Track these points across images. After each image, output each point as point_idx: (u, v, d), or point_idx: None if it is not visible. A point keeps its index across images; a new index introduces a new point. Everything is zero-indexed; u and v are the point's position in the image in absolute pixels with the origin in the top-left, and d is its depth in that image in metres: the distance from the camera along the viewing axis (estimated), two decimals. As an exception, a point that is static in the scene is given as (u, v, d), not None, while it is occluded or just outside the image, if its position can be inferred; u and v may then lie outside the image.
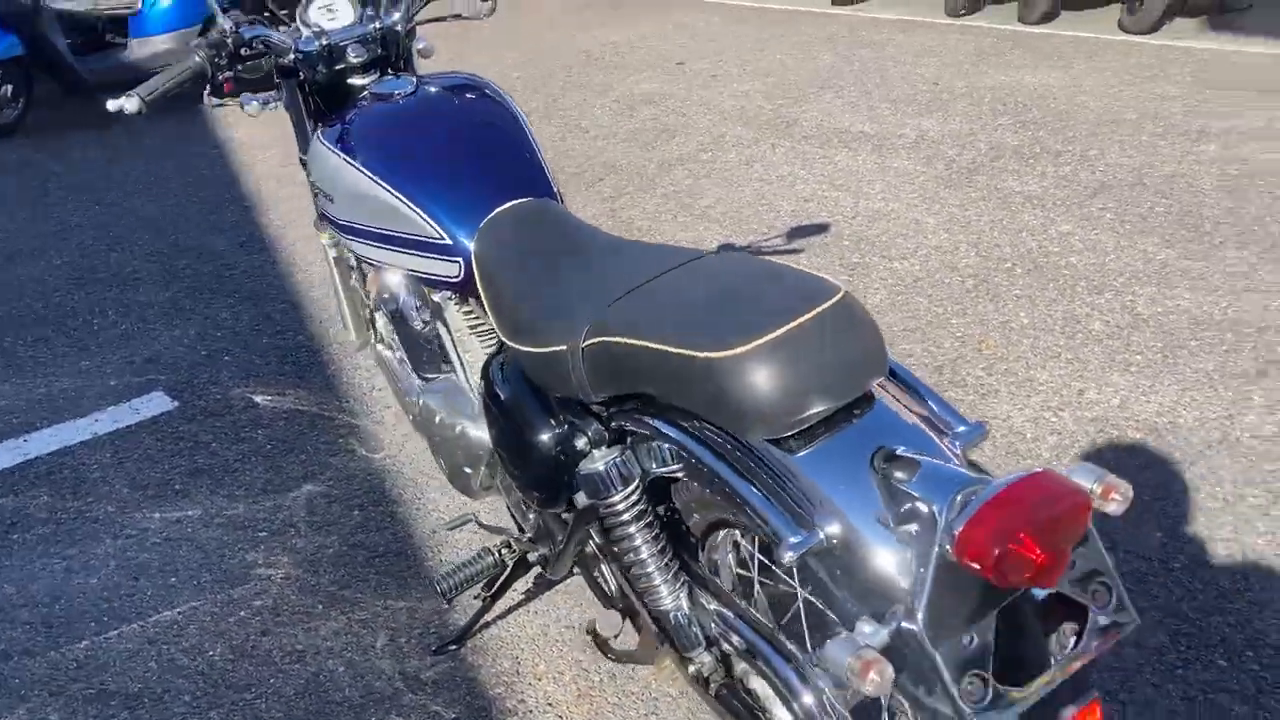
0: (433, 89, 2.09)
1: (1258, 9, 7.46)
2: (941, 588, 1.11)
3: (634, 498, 1.54)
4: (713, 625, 1.58)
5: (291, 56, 2.16)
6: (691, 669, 1.59)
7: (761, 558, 1.55)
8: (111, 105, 2.05)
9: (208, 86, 2.15)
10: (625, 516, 1.55)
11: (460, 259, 1.86)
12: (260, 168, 5.57)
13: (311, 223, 2.83)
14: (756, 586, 1.61)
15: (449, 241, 1.87)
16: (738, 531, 1.63)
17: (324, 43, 2.18)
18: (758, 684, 1.57)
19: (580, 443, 1.58)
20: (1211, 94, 5.62)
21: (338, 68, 2.19)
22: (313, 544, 2.61)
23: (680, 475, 1.51)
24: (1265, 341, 3.14)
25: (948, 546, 1.10)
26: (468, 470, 2.12)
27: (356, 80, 2.24)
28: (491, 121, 2.01)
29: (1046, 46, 6.86)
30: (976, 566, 1.07)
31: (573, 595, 2.37)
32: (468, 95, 2.08)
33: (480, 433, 2.07)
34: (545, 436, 1.68)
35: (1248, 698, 1.99)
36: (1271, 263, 3.63)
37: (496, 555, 2.07)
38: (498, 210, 1.86)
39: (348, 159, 2.00)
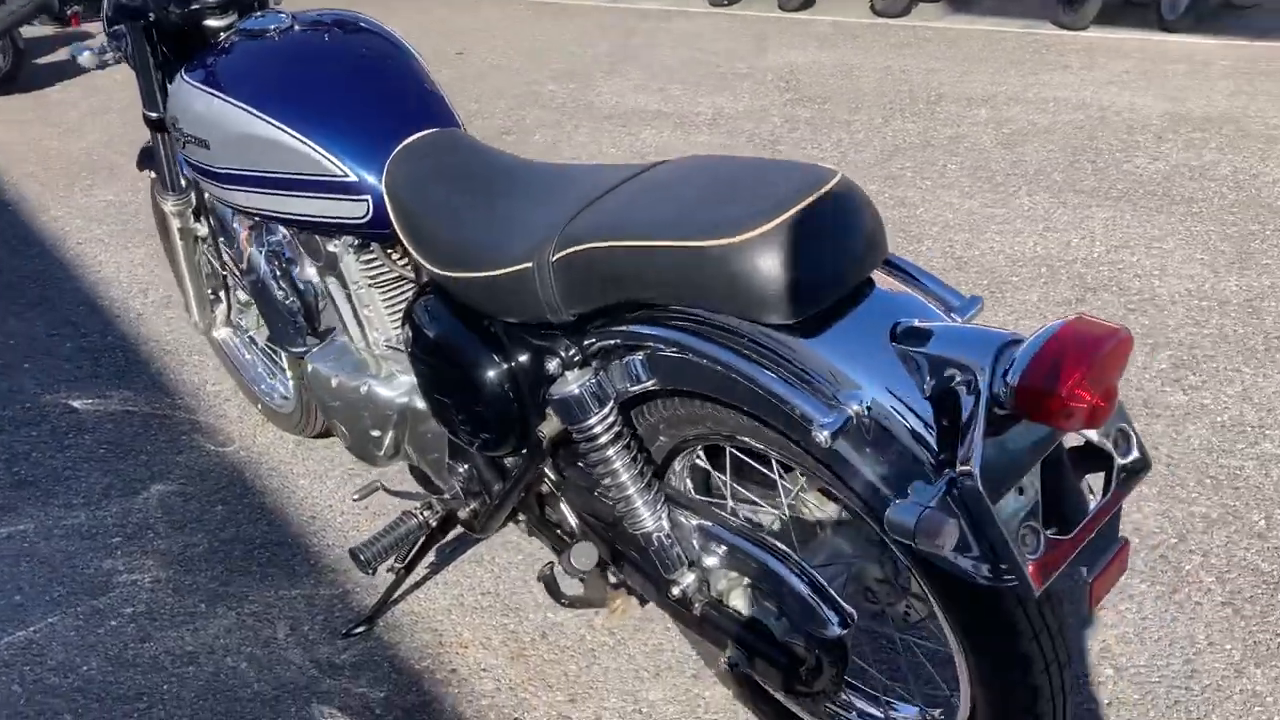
0: (313, 23, 1.95)
1: None
2: (991, 443, 1.12)
3: (610, 418, 1.48)
4: (695, 542, 1.54)
5: None
6: (675, 591, 1.54)
7: (756, 465, 1.53)
8: None
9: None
10: (603, 439, 1.48)
11: (368, 197, 1.74)
12: (18, 168, 5.07)
13: (152, 192, 2.60)
14: (730, 502, 1.59)
15: (354, 179, 1.75)
16: (700, 450, 1.60)
17: None
18: (739, 599, 1.54)
19: (551, 365, 1.50)
20: (969, 66, 6.04)
21: (193, 7, 2.02)
22: (177, 544, 2.38)
23: (654, 388, 1.45)
24: (1076, 272, 3.39)
25: (1003, 399, 1.11)
26: (375, 433, 1.99)
27: (213, 22, 2.07)
28: (384, 54, 1.90)
29: (810, 30, 7.18)
30: (1039, 414, 1.09)
31: (482, 563, 2.26)
32: (352, 29, 1.95)
33: (389, 392, 1.95)
34: (498, 369, 1.59)
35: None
36: (1062, 206, 3.93)
37: (420, 518, 1.95)
38: (407, 142, 1.76)
39: (229, 99, 1.83)
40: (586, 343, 1.47)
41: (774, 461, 1.49)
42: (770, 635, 1.50)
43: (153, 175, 2.59)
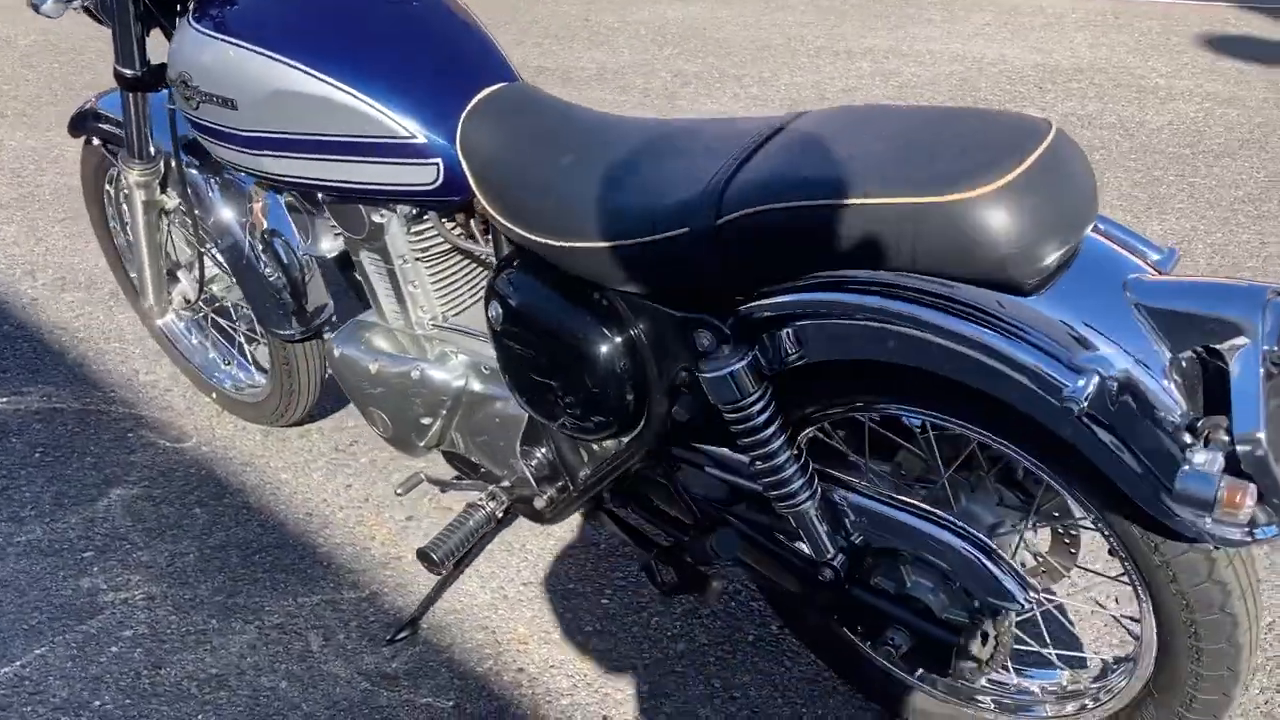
0: None
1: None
2: (1270, 399, 1.09)
3: (767, 396, 1.38)
4: (846, 520, 1.46)
5: None
6: (827, 573, 1.46)
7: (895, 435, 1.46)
8: None
9: None
10: (760, 418, 1.37)
11: (438, 160, 1.57)
12: None
13: (86, 163, 2.32)
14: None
15: (422, 140, 1.57)
16: (825, 425, 1.52)
17: None
18: (894, 577, 1.48)
19: (704, 340, 1.37)
20: (836, 19, 6.09)
21: None
22: (162, 555, 2.13)
23: (820, 359, 1.36)
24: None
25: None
26: (426, 420, 1.82)
27: None
28: (432, 6, 1.71)
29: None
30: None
31: (513, 551, 2.12)
32: None
33: (444, 374, 1.79)
34: (616, 345, 1.46)
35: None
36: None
37: (488, 509, 1.80)
38: (478, 99, 1.59)
39: (266, 51, 1.61)
40: (744, 313, 1.35)
41: (931, 436, 1.43)
42: (931, 611, 1.44)
43: (95, 143, 2.29)
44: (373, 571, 2.08)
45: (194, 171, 2.10)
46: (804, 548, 1.49)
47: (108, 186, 2.43)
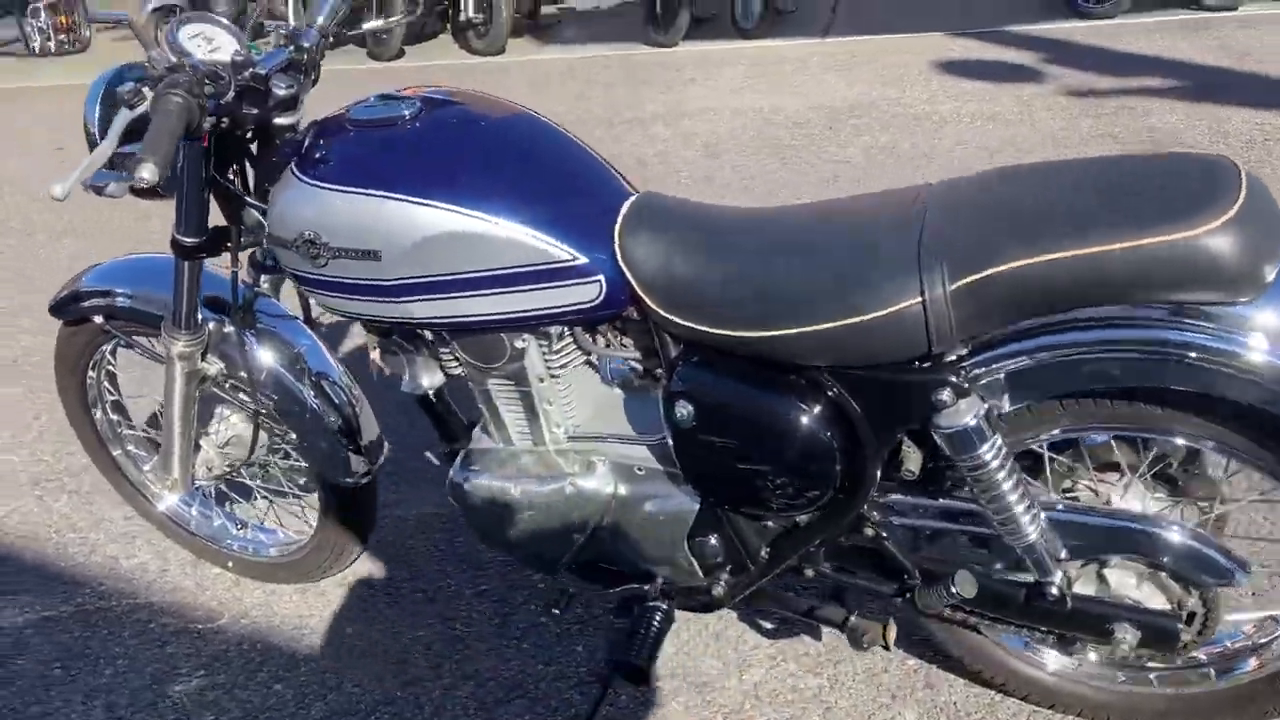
0: (445, 103, 1.73)
1: (563, 23, 8.52)
2: None
3: (1000, 441, 1.50)
4: (1058, 536, 1.60)
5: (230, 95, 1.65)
6: (1052, 591, 1.59)
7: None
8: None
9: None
10: (993, 464, 1.50)
11: (600, 277, 1.61)
12: None
13: (63, 344, 2.16)
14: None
15: (584, 260, 1.60)
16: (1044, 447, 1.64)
17: (250, 73, 1.69)
18: (1104, 581, 1.63)
19: (944, 397, 1.49)
20: (605, 90, 6.38)
21: (272, 104, 1.72)
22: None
23: (1026, 403, 1.52)
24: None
25: None
26: (576, 535, 1.82)
27: (284, 119, 1.77)
28: (542, 128, 1.73)
29: (421, 78, 7.14)
30: None
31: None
32: (489, 105, 1.75)
33: (596, 483, 1.80)
34: (828, 418, 1.55)
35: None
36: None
37: (664, 606, 1.81)
38: (624, 212, 1.64)
39: (410, 197, 1.59)
40: (978, 365, 1.48)
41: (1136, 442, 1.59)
42: (1141, 604, 1.61)
43: (97, 321, 2.12)
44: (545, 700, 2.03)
45: (238, 333, 2.01)
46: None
47: (91, 371, 2.25)
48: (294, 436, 2.06)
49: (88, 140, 1.83)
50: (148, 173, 1.45)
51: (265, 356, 2.00)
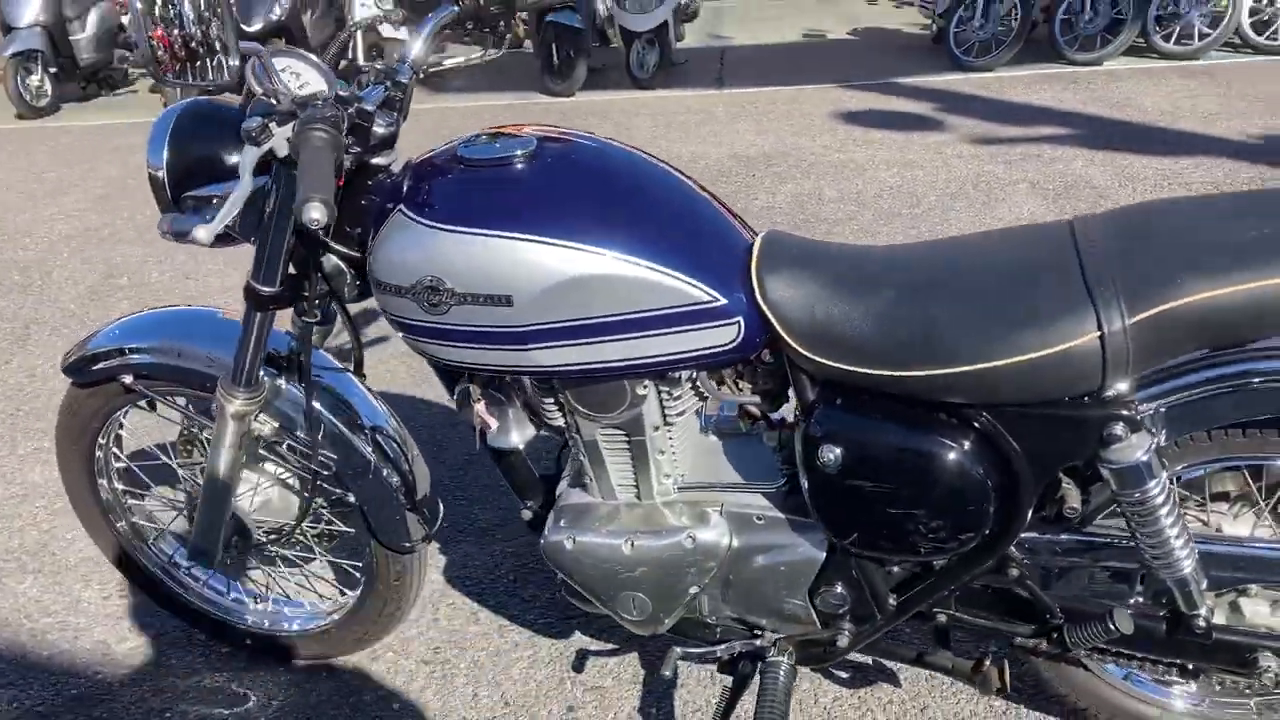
0: (561, 142, 1.63)
1: (449, 76, 8.41)
2: None
3: (1165, 475, 1.49)
4: (1215, 568, 1.59)
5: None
6: (1200, 623, 1.58)
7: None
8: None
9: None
10: (1159, 498, 1.48)
11: (739, 318, 1.54)
12: None
13: (72, 407, 1.97)
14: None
15: (724, 302, 1.52)
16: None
17: (356, 109, 1.56)
18: (1247, 609, 1.64)
19: (1117, 431, 1.46)
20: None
21: (359, 149, 1.60)
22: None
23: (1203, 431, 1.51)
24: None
25: None
26: (692, 589, 1.73)
27: (379, 159, 1.64)
28: (660, 170, 1.65)
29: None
30: None
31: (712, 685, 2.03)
32: (605, 145, 1.66)
33: (714, 534, 1.71)
34: (994, 455, 1.51)
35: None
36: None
37: (787, 661, 1.73)
38: (756, 252, 1.57)
39: (551, 239, 1.48)
40: (1150, 398, 1.47)
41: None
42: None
43: (128, 381, 1.91)
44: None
45: (293, 388, 1.85)
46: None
47: (101, 437, 2.03)
48: (352, 499, 1.90)
49: (153, 185, 1.67)
50: (318, 214, 1.31)
51: (325, 413, 1.85)
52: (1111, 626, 1.59)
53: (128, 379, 1.88)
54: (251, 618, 2.18)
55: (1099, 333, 1.39)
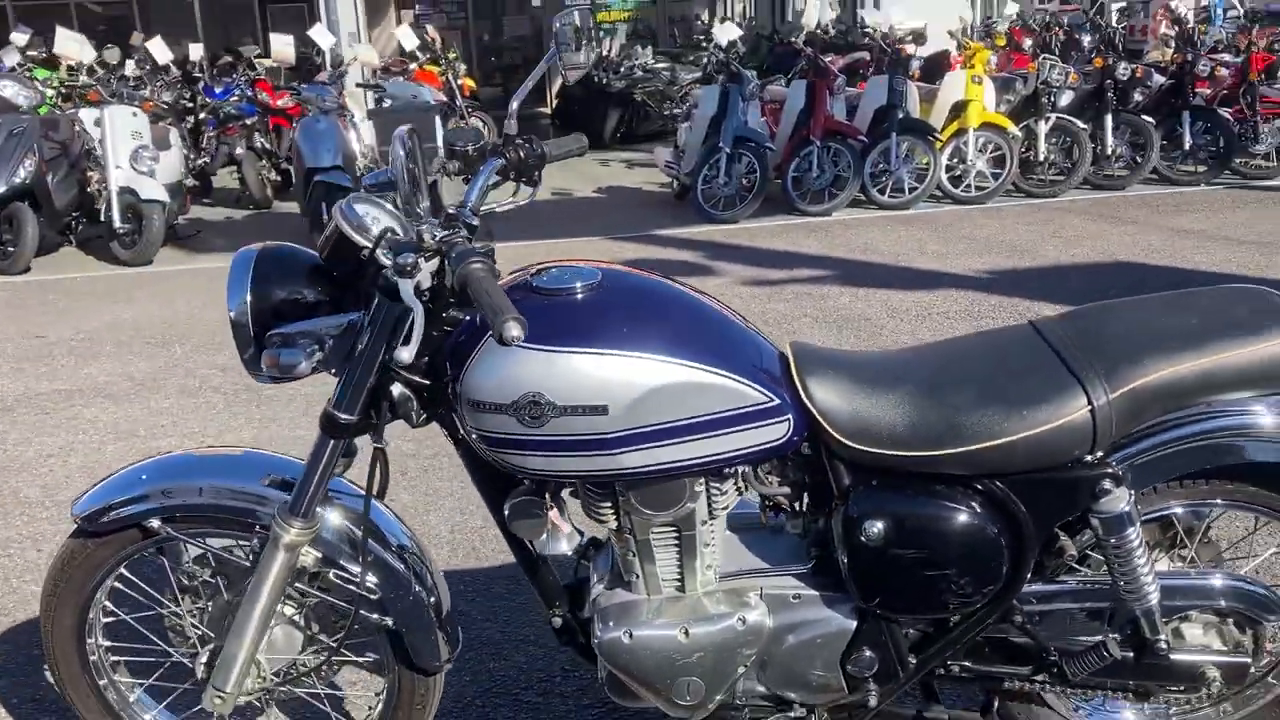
0: (617, 272, 1.82)
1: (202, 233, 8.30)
2: None
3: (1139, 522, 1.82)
4: (1170, 596, 1.91)
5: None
6: (1161, 645, 1.89)
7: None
8: None
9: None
10: (1136, 541, 1.81)
11: (789, 416, 1.77)
12: None
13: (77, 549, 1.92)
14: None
15: (777, 401, 1.76)
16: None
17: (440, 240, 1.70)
18: (1193, 631, 1.97)
19: (1107, 485, 1.78)
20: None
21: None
22: None
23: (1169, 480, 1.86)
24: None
25: None
26: (740, 670, 1.89)
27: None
28: (690, 293, 1.87)
29: (63, 290, 6.64)
30: None
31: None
32: (641, 273, 1.87)
33: (759, 616, 1.89)
34: (1005, 517, 1.79)
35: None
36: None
37: (824, 722, 1.90)
38: (794, 359, 1.82)
39: (630, 352, 1.66)
40: (1128, 456, 1.80)
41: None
42: (1223, 646, 1.97)
43: (155, 525, 1.86)
44: None
45: (335, 516, 1.89)
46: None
47: (99, 595, 1.95)
48: (389, 623, 1.93)
49: (236, 331, 1.73)
50: (517, 330, 1.43)
51: (369, 541, 1.90)
52: (1105, 653, 1.89)
53: (154, 523, 1.86)
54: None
55: (1090, 406, 1.73)
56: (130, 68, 9.16)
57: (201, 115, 9.88)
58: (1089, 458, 1.78)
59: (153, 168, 7.17)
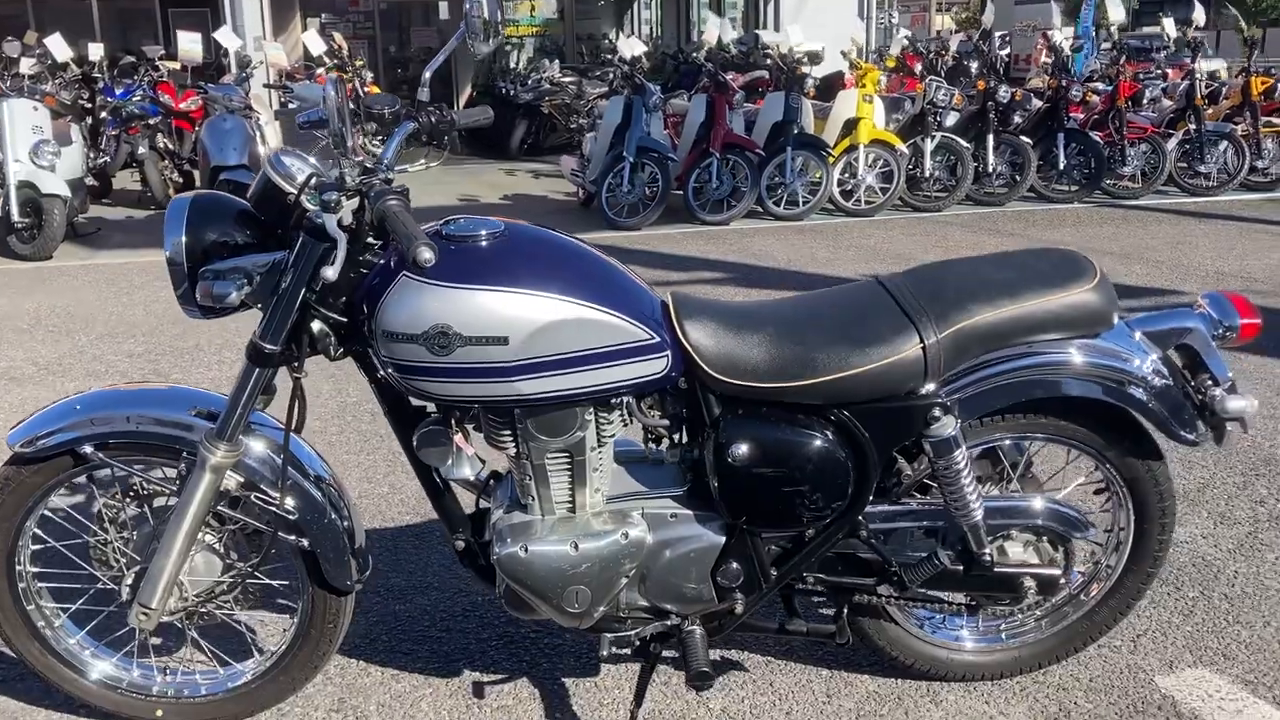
0: (518, 224, 2.04)
1: (103, 231, 8.27)
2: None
3: (965, 447, 2.10)
4: (994, 516, 2.19)
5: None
6: (987, 557, 2.18)
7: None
8: None
9: None
10: (962, 463, 2.10)
11: (668, 353, 2.02)
12: None
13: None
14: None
15: (657, 339, 2.00)
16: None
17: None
18: (1014, 548, 2.25)
19: (937, 414, 2.05)
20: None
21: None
22: None
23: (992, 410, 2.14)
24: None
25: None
26: (623, 582, 2.12)
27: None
28: (584, 245, 2.10)
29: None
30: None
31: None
32: (544, 229, 2.09)
33: (641, 532, 2.11)
34: (848, 444, 2.06)
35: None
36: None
37: (700, 627, 2.15)
38: (673, 305, 2.07)
39: (533, 291, 1.89)
40: (955, 389, 2.08)
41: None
42: (1039, 561, 2.27)
43: (88, 451, 2.02)
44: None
45: (257, 444, 2.08)
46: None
47: (29, 522, 2.10)
48: (305, 544, 2.12)
49: (172, 269, 1.91)
50: (430, 253, 1.64)
51: (288, 468, 2.08)
52: (937, 562, 2.18)
53: (88, 449, 2.02)
54: (161, 688, 2.27)
55: (921, 344, 2.01)
56: (26, 65, 9.05)
57: (102, 115, 9.81)
58: (922, 390, 2.06)
59: (54, 162, 7.15)
